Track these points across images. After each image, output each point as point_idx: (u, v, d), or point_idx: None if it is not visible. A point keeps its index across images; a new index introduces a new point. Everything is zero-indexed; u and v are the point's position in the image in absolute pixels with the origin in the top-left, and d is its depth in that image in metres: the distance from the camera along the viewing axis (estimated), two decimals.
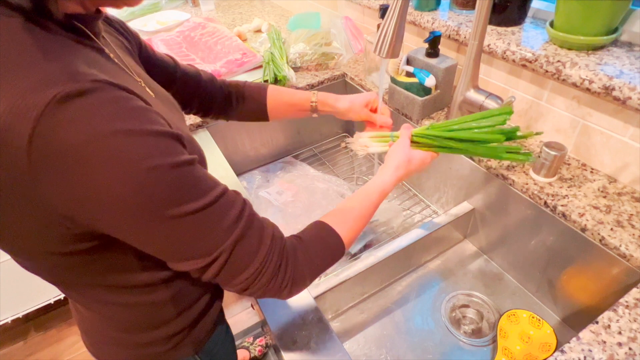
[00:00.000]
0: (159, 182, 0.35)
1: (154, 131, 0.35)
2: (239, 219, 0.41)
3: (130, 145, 0.33)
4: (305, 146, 1.32)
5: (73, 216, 0.35)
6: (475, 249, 0.96)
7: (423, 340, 0.79)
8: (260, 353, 1.37)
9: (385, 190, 0.59)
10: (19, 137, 0.30)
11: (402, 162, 0.61)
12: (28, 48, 0.32)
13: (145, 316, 0.53)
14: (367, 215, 0.56)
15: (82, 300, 0.51)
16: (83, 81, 0.32)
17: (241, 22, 1.66)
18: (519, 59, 0.78)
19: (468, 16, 0.95)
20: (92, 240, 0.39)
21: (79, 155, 0.31)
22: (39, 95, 0.30)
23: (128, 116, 0.33)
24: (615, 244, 0.63)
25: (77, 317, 0.57)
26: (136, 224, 0.36)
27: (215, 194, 0.39)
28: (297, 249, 0.47)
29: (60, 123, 0.30)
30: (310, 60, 1.20)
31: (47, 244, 0.38)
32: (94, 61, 0.38)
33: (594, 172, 0.76)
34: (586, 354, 0.51)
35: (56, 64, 0.32)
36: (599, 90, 0.66)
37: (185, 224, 0.37)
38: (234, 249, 0.41)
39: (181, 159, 0.36)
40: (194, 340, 0.59)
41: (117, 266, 0.45)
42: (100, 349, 0.58)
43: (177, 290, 0.53)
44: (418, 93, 0.92)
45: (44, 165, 0.31)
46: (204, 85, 0.74)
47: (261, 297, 0.46)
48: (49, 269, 0.43)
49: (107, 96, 0.33)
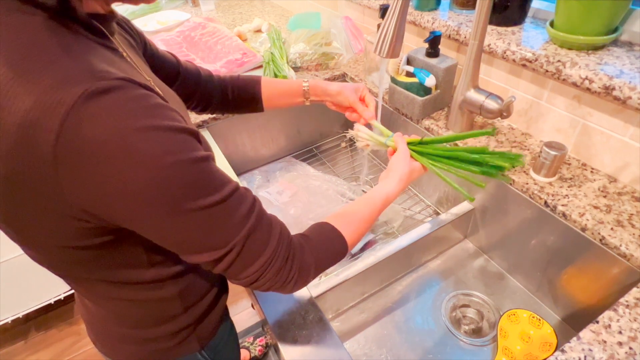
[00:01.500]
0: (179, 177, 0.36)
1: (174, 127, 0.36)
2: (250, 213, 0.43)
3: (152, 141, 0.34)
4: (305, 146, 1.32)
5: (93, 210, 0.35)
6: (475, 248, 0.96)
7: (423, 340, 0.79)
8: (260, 353, 1.37)
9: (389, 199, 0.61)
10: (46, 132, 0.31)
11: (405, 173, 0.63)
12: (51, 46, 0.33)
13: (153, 312, 0.53)
14: (370, 220, 0.58)
15: (90, 296, 0.51)
16: (108, 79, 0.33)
17: (241, 22, 1.66)
18: (519, 59, 0.78)
19: (468, 16, 0.95)
20: (106, 234, 0.40)
21: (104, 150, 0.32)
22: (66, 92, 0.31)
23: (150, 113, 0.34)
24: (615, 243, 0.63)
25: (84, 313, 0.58)
26: (155, 217, 0.37)
27: (229, 189, 0.41)
28: (303, 245, 0.49)
29: (87, 119, 0.31)
30: (311, 60, 1.20)
31: (61, 238, 0.39)
32: (111, 60, 0.39)
33: (594, 172, 0.76)
34: (586, 353, 0.51)
35: (79, 62, 0.33)
36: (599, 90, 0.66)
37: (201, 217, 0.38)
38: (245, 242, 0.42)
39: (199, 154, 0.38)
40: (200, 336, 0.59)
41: (127, 262, 0.45)
42: (107, 344, 0.58)
43: (184, 287, 0.53)
44: (418, 93, 0.92)
45: (69, 160, 0.32)
46: (204, 82, 0.76)
47: (266, 290, 0.47)
48: (60, 262, 0.44)
49: (130, 94, 0.34)
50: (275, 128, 1.22)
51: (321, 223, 0.54)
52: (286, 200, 1.05)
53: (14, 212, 0.37)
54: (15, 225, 0.39)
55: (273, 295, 0.65)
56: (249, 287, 0.46)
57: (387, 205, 0.61)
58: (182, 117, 0.39)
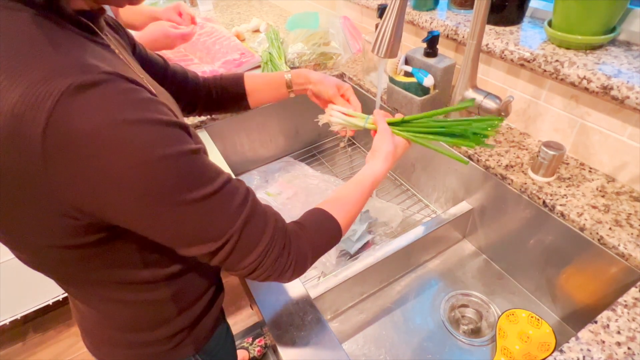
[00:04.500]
0: (169, 170, 0.35)
1: (163, 121, 0.36)
2: (244, 203, 0.43)
3: (141, 134, 0.34)
4: (304, 146, 1.32)
5: (83, 206, 0.35)
6: (474, 248, 0.96)
7: (422, 340, 0.79)
8: (259, 353, 1.37)
9: (377, 180, 0.60)
10: (33, 125, 0.30)
11: (389, 151, 0.62)
12: (38, 41, 0.33)
13: (146, 315, 0.53)
14: (361, 203, 0.58)
15: (83, 298, 0.51)
16: (94, 73, 0.32)
17: (239, 22, 1.66)
18: (517, 59, 0.78)
19: (466, 16, 0.95)
20: (98, 232, 0.40)
21: (92, 143, 0.32)
22: (53, 85, 0.30)
23: (138, 106, 0.34)
24: (613, 243, 0.63)
25: (77, 316, 0.57)
26: (146, 211, 0.36)
27: (221, 181, 0.41)
28: (299, 232, 0.49)
29: (74, 112, 0.31)
30: (309, 60, 1.20)
31: (52, 237, 0.38)
32: (101, 55, 0.39)
33: (593, 172, 0.76)
34: (585, 353, 0.51)
35: (66, 57, 0.33)
36: (597, 90, 0.66)
37: (194, 210, 0.38)
38: (242, 232, 0.42)
39: (189, 147, 0.37)
40: (195, 340, 0.59)
41: (120, 262, 0.45)
42: (100, 348, 0.58)
43: (179, 289, 0.53)
44: (416, 93, 0.92)
45: (57, 153, 0.31)
46: (191, 84, 0.76)
47: (264, 280, 0.47)
48: (51, 264, 0.43)
49: (118, 87, 0.33)
50: (273, 128, 1.22)
51: (314, 209, 0.54)
52: (284, 201, 1.05)
53: (4, 211, 0.36)
54: (6, 225, 0.38)
55: (271, 296, 0.65)
56: (247, 277, 0.46)
57: (376, 186, 0.61)
58: (172, 111, 0.39)
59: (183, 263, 0.51)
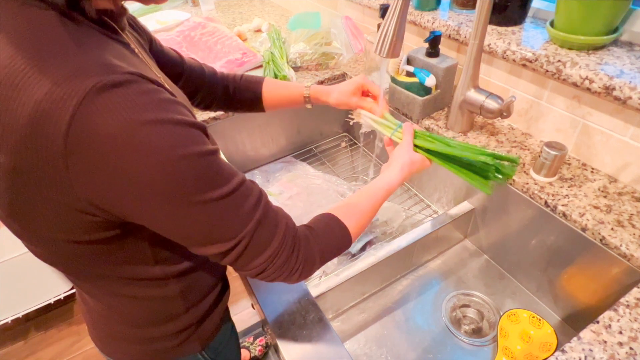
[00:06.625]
0: (188, 170, 0.36)
1: (183, 121, 0.36)
2: (257, 205, 0.43)
3: (161, 134, 0.34)
4: (306, 146, 1.32)
5: (101, 203, 0.36)
6: (475, 248, 0.96)
7: (423, 339, 0.79)
8: (260, 353, 1.37)
9: (390, 189, 0.61)
10: (57, 123, 0.31)
11: (406, 163, 0.63)
12: (62, 39, 0.34)
13: (155, 310, 0.53)
14: (372, 211, 0.58)
15: (93, 292, 0.51)
16: (118, 73, 0.33)
17: (241, 22, 1.66)
18: (520, 59, 0.78)
19: (468, 16, 0.95)
20: (113, 229, 0.40)
21: (114, 143, 0.32)
22: (78, 84, 0.31)
23: (160, 107, 0.35)
24: (615, 243, 0.63)
25: (86, 312, 0.58)
26: (164, 209, 0.37)
27: (237, 182, 0.41)
28: (309, 236, 0.49)
29: (97, 111, 0.31)
30: (311, 60, 1.20)
31: (67, 232, 0.39)
32: (122, 55, 0.40)
33: (595, 172, 0.76)
34: (587, 353, 0.51)
35: (90, 56, 0.34)
36: (599, 90, 0.66)
37: (210, 209, 0.39)
38: (254, 233, 0.42)
39: (207, 148, 0.38)
40: (201, 336, 0.59)
41: (132, 258, 0.46)
42: (108, 343, 0.58)
43: (187, 286, 0.53)
44: (418, 93, 0.92)
45: (79, 152, 0.32)
46: (207, 79, 0.76)
47: (272, 280, 0.47)
48: (65, 258, 0.44)
49: (140, 88, 0.34)
50: (275, 128, 1.22)
51: (325, 214, 0.54)
52: (286, 200, 1.05)
53: (21, 205, 0.37)
54: (22, 219, 0.38)
55: (273, 296, 0.65)
56: (256, 277, 0.46)
57: (388, 196, 0.61)
58: (190, 111, 0.39)
59: (193, 260, 0.52)
